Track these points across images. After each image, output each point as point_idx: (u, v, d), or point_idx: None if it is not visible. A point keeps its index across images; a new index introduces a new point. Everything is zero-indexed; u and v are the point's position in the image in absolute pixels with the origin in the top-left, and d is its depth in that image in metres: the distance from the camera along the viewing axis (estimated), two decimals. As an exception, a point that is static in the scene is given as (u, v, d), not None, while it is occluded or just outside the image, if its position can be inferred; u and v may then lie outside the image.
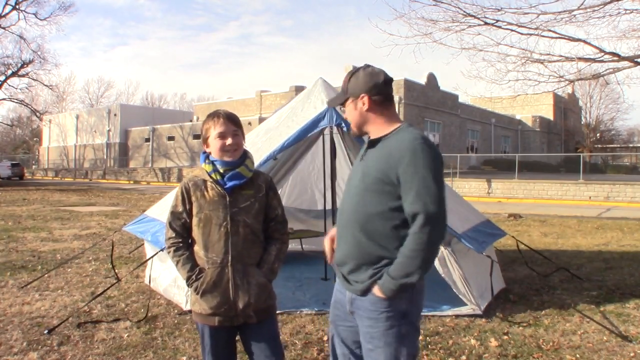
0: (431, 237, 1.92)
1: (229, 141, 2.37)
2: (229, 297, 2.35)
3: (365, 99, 2.13)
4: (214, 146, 2.39)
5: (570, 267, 6.66)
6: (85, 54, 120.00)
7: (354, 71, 2.20)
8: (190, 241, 2.44)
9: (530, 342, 3.99)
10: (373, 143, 2.15)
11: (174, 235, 2.41)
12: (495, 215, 13.41)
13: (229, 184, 2.37)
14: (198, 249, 2.40)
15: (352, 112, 2.20)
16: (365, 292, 2.07)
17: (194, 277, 2.35)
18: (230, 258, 2.35)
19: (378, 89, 2.12)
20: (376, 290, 2.03)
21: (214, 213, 2.35)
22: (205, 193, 2.38)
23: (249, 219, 2.39)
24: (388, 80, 2.15)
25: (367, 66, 2.20)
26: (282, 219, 2.53)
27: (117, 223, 11.55)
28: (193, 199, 2.38)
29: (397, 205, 2.00)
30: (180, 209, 2.40)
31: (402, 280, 1.96)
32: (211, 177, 2.38)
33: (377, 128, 2.15)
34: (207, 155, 2.44)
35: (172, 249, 2.40)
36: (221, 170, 2.38)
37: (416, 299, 2.09)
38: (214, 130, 2.37)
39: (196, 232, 2.39)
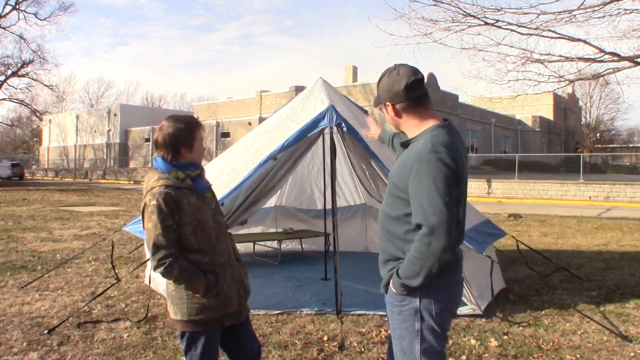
0: (430, 247, 1.93)
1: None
2: (237, 294, 2.45)
3: (390, 107, 2.15)
4: (200, 151, 2.44)
5: (570, 267, 6.66)
6: (86, 54, 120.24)
7: (383, 74, 2.17)
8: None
9: (530, 342, 3.99)
10: (405, 145, 2.17)
11: (173, 250, 2.28)
12: (495, 215, 13.41)
13: (202, 188, 2.43)
14: (197, 256, 2.34)
15: (385, 115, 2.23)
16: (386, 286, 2.19)
17: (212, 283, 2.33)
18: (227, 257, 2.46)
19: (400, 96, 2.09)
20: (390, 283, 2.13)
21: (203, 217, 2.37)
22: (189, 200, 2.34)
23: (221, 218, 2.51)
24: (411, 84, 2.07)
25: (394, 68, 2.14)
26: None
27: (117, 223, 11.55)
28: (184, 207, 2.30)
29: (411, 212, 2.02)
30: (170, 221, 2.27)
31: (404, 281, 2.04)
32: (185, 183, 2.36)
33: (409, 130, 2.17)
34: (170, 163, 2.37)
35: (176, 265, 2.27)
36: (193, 175, 2.39)
37: (436, 297, 2.08)
38: (200, 135, 2.43)
39: (193, 240, 2.33)
